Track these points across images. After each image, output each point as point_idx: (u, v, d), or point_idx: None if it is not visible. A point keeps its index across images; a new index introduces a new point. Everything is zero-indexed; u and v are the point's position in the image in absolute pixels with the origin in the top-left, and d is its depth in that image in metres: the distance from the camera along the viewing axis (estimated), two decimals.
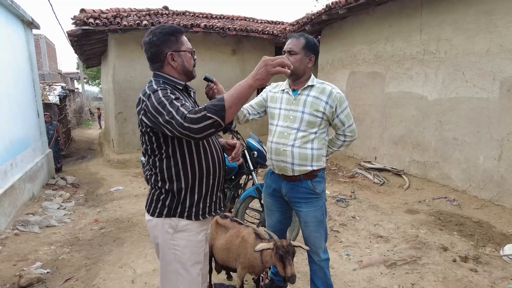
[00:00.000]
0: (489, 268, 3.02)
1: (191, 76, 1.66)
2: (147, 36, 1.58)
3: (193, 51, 1.64)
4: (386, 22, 6.09)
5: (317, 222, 2.15)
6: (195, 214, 1.58)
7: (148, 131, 1.51)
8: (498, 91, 4.27)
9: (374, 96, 6.50)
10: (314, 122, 2.05)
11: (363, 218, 4.23)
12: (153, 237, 1.64)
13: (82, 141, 14.57)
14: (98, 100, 35.92)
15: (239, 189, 3.72)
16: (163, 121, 1.38)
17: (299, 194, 2.13)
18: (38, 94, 7.01)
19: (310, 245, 2.20)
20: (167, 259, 1.60)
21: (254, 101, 2.31)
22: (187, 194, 1.56)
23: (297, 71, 2.04)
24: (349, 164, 6.93)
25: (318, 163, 2.10)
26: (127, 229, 4.12)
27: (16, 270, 3.15)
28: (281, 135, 2.10)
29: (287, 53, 2.04)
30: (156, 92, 1.44)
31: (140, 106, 1.50)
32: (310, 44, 2.04)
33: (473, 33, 4.56)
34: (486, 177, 4.44)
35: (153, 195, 1.61)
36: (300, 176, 2.10)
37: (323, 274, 2.26)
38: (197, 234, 1.61)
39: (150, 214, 1.61)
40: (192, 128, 1.32)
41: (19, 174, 5.12)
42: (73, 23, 7.19)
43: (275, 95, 2.22)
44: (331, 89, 2.06)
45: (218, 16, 10.07)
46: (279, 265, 1.96)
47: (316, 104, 2.05)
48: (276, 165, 2.14)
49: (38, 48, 17.09)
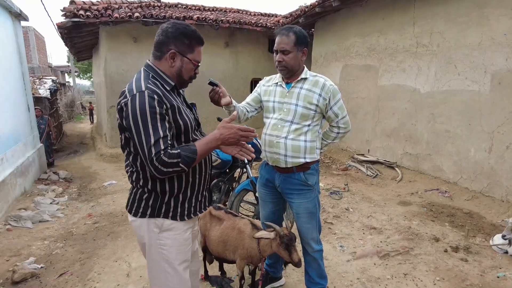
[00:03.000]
0: (479, 257, 3.09)
1: (183, 84, 1.58)
2: (168, 24, 1.50)
3: (198, 64, 1.56)
4: (380, 15, 6.09)
5: (308, 214, 2.18)
6: (180, 214, 1.53)
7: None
8: (489, 84, 4.32)
9: (367, 89, 6.52)
10: (308, 114, 2.06)
11: (357, 210, 4.27)
12: (139, 237, 1.59)
13: (74, 136, 14.41)
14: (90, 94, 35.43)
15: (234, 182, 3.73)
16: (137, 139, 1.36)
17: (292, 186, 2.15)
18: (28, 87, 6.89)
19: (303, 236, 2.24)
20: (154, 258, 1.56)
21: (250, 98, 2.30)
22: (172, 195, 1.50)
23: (293, 68, 2.05)
24: (342, 157, 6.97)
25: (311, 155, 2.11)
26: (121, 223, 4.10)
27: (9, 266, 3.12)
28: (275, 128, 2.11)
29: (280, 52, 2.02)
30: (143, 97, 1.34)
31: (120, 99, 1.42)
32: (301, 37, 2.02)
33: (465, 26, 4.59)
34: (477, 169, 4.51)
35: (135, 194, 1.52)
36: (293, 168, 2.11)
37: (316, 265, 2.29)
38: (183, 232, 1.57)
39: (133, 215, 1.53)
40: (159, 169, 1.34)
41: (10, 169, 5.05)
42: (63, 15, 7.06)
43: (268, 88, 2.23)
44: (324, 81, 2.07)
45: (211, 8, 9.97)
46: (285, 253, 2.01)
47: (309, 96, 2.05)
48: (270, 157, 2.16)
49: (27, 40, 16.72)
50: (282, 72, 2.09)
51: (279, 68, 2.07)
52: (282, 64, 2.03)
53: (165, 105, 1.39)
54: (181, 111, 1.47)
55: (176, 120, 1.44)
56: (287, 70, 2.05)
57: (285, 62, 2.02)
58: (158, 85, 1.44)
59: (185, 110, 1.52)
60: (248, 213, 3.81)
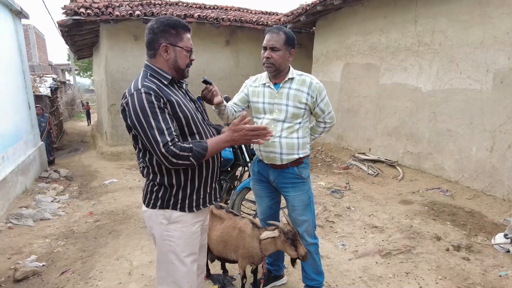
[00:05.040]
0: (480, 256, 3.08)
1: (182, 74, 1.62)
2: (151, 22, 1.57)
3: (191, 50, 1.60)
4: (381, 13, 6.07)
5: (304, 206, 2.25)
6: (188, 205, 1.59)
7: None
8: (491, 83, 4.30)
9: (369, 87, 6.51)
10: (298, 113, 2.14)
11: (358, 209, 4.27)
12: (149, 228, 1.66)
13: (74, 134, 14.41)
14: (90, 92, 35.41)
15: (235, 181, 3.72)
16: (143, 134, 1.42)
17: (286, 180, 2.23)
18: (28, 85, 6.88)
19: (299, 229, 2.28)
20: (162, 249, 1.62)
21: (237, 98, 2.33)
22: (179, 187, 1.56)
23: (280, 67, 2.10)
24: (344, 156, 6.97)
25: (304, 150, 2.21)
26: (123, 221, 4.10)
27: (11, 264, 3.12)
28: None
29: (269, 49, 2.06)
30: (140, 95, 1.42)
31: (122, 101, 1.51)
32: (290, 38, 2.08)
33: (468, 25, 4.57)
34: (479, 167, 4.50)
35: (148, 186, 1.62)
36: (288, 164, 2.19)
37: (312, 260, 2.31)
38: (191, 225, 1.62)
39: (145, 205, 1.62)
40: (169, 160, 1.41)
41: (11, 167, 5.05)
42: (64, 13, 7.04)
43: (256, 89, 2.25)
44: (310, 80, 2.15)
45: (211, 7, 9.95)
46: (291, 249, 2.03)
47: (299, 96, 2.12)
48: (265, 156, 2.22)
49: (27, 39, 16.71)
50: (269, 69, 2.11)
51: (266, 65, 2.10)
52: (270, 61, 2.07)
53: (162, 99, 1.45)
54: (180, 104, 1.52)
55: (176, 113, 1.50)
56: (274, 67, 2.08)
57: (273, 59, 2.06)
58: (155, 82, 1.50)
59: (186, 103, 1.57)
60: (250, 212, 3.81)
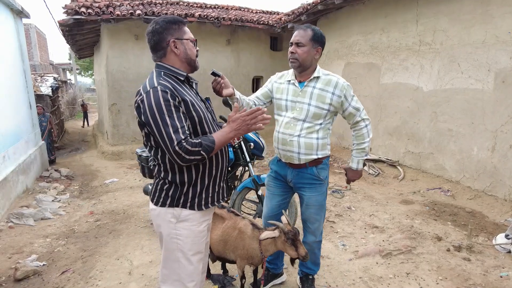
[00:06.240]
0: (481, 257, 3.07)
1: (194, 65, 1.65)
2: (150, 26, 1.58)
3: (195, 40, 1.64)
4: (382, 13, 6.06)
5: (319, 206, 2.25)
6: (197, 204, 1.61)
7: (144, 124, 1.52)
8: (493, 83, 4.29)
9: (370, 87, 6.50)
10: (320, 114, 2.11)
11: (359, 209, 4.26)
12: (156, 226, 1.67)
13: (75, 133, 14.43)
14: (91, 91, 35.44)
15: (236, 181, 3.72)
16: (157, 132, 1.43)
17: (304, 180, 2.23)
18: (29, 85, 6.88)
19: (309, 225, 2.32)
20: (169, 248, 1.63)
21: (259, 92, 2.32)
22: (190, 185, 1.58)
23: (304, 63, 2.08)
24: (344, 155, 6.96)
25: (323, 151, 2.19)
26: (123, 221, 4.10)
27: (12, 263, 3.13)
28: (288, 126, 2.16)
29: (294, 44, 2.06)
30: (156, 92, 1.43)
31: (136, 98, 1.50)
32: (317, 35, 2.07)
33: (469, 24, 4.55)
34: (480, 167, 4.49)
35: (157, 185, 1.62)
36: (306, 163, 2.18)
37: (313, 254, 2.35)
38: (199, 224, 1.64)
39: (154, 204, 1.63)
40: (182, 157, 1.43)
41: (12, 167, 5.05)
42: (65, 12, 7.03)
43: (280, 86, 2.24)
44: (337, 80, 2.12)
45: (212, 6, 9.94)
46: (291, 249, 2.02)
47: (323, 96, 2.09)
48: (283, 154, 2.21)
49: (28, 38, 16.74)
50: (293, 64, 2.11)
51: (291, 60, 2.09)
52: (294, 56, 2.06)
53: (177, 98, 1.48)
54: (194, 103, 1.54)
55: (190, 112, 1.52)
56: (297, 63, 2.07)
57: (297, 54, 2.05)
58: (170, 81, 1.52)
59: (198, 103, 1.59)
60: (250, 211, 3.80)
